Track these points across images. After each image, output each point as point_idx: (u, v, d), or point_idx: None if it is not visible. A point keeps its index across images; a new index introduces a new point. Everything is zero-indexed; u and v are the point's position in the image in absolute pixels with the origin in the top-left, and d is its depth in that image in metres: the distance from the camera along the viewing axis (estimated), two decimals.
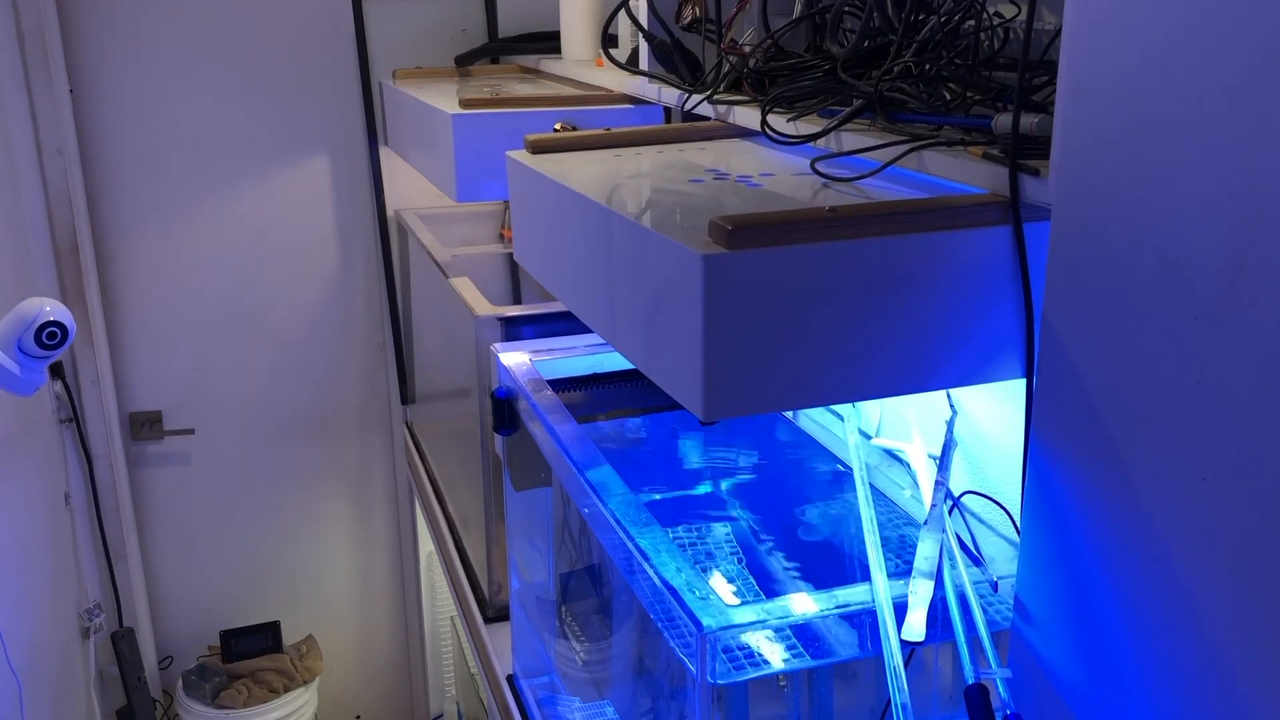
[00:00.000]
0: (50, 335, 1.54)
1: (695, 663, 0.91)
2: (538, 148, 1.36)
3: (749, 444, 1.52)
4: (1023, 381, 0.93)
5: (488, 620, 1.92)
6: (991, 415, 1.18)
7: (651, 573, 0.98)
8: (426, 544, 2.76)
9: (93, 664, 2.62)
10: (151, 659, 2.81)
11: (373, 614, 3.06)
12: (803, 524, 1.32)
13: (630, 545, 1.03)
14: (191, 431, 2.76)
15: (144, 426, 2.73)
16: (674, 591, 0.94)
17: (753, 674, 0.93)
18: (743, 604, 0.92)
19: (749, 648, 0.98)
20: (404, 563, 3.03)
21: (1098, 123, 0.80)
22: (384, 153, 2.66)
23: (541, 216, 1.28)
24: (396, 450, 2.93)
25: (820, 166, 1.13)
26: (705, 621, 0.89)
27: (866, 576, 1.02)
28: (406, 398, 2.84)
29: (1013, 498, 1.03)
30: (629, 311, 1.02)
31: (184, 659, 2.87)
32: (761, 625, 0.91)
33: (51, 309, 1.58)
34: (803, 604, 0.94)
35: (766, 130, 1.21)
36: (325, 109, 2.64)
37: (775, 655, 0.96)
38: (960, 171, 0.98)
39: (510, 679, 1.74)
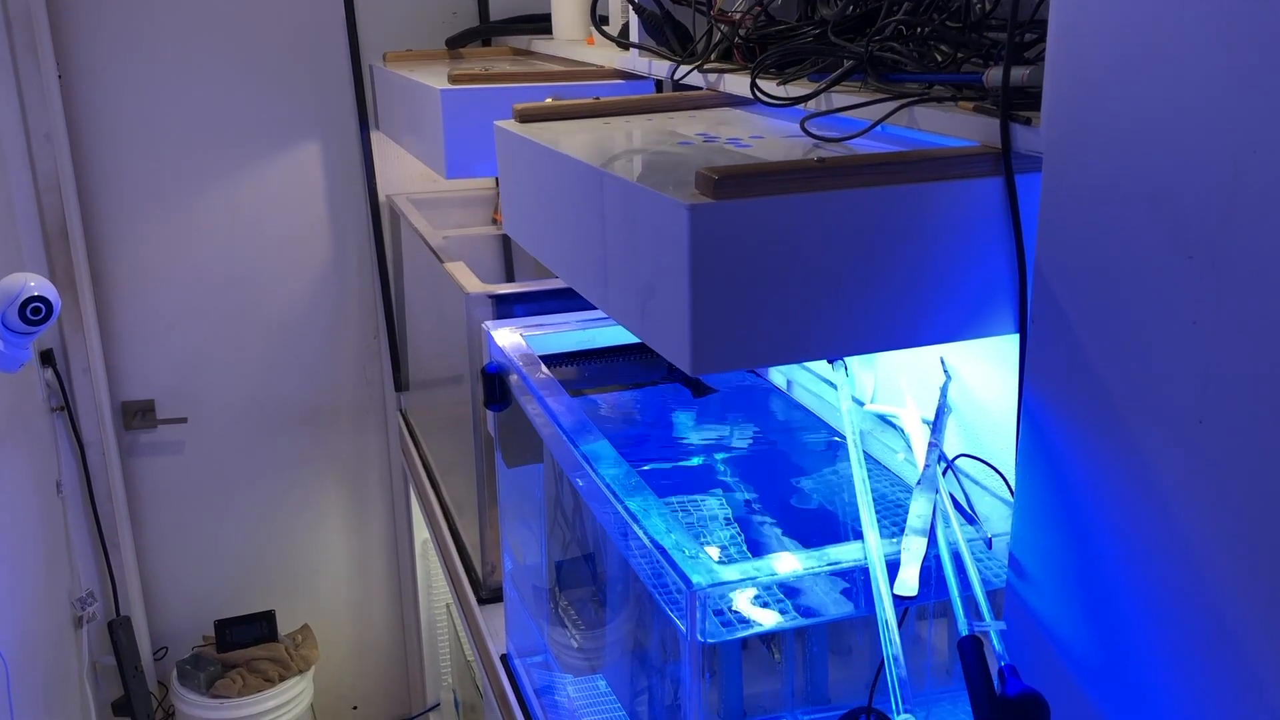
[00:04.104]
0: (34, 311, 1.52)
1: (685, 622, 0.89)
2: (526, 117, 1.35)
3: (743, 417, 1.51)
4: (1015, 345, 0.92)
5: (482, 602, 1.91)
6: (985, 381, 1.17)
7: (641, 534, 0.96)
8: (422, 531, 2.75)
9: (86, 654, 2.61)
10: (146, 649, 2.79)
11: (368, 602, 3.05)
12: (797, 494, 1.31)
13: (620, 508, 1.02)
14: (184, 420, 2.75)
15: (137, 415, 2.72)
16: (664, 551, 0.92)
17: (743, 632, 0.91)
18: (733, 562, 0.91)
19: (741, 613, 0.96)
20: (399, 551, 3.01)
21: (1088, 62, 0.79)
22: (375, 137, 2.64)
23: (531, 185, 1.27)
24: (391, 437, 2.91)
25: (810, 126, 1.11)
26: (695, 579, 0.88)
27: (860, 540, 1.00)
28: (400, 385, 2.82)
29: (1007, 464, 1.02)
30: (619, 271, 1.01)
31: (178, 649, 2.86)
32: (751, 582, 0.90)
33: (36, 284, 1.56)
34: (793, 562, 0.93)
35: (756, 92, 1.19)
36: (316, 93, 2.62)
37: (766, 616, 0.95)
38: (952, 126, 0.97)
39: (504, 658, 1.73)
